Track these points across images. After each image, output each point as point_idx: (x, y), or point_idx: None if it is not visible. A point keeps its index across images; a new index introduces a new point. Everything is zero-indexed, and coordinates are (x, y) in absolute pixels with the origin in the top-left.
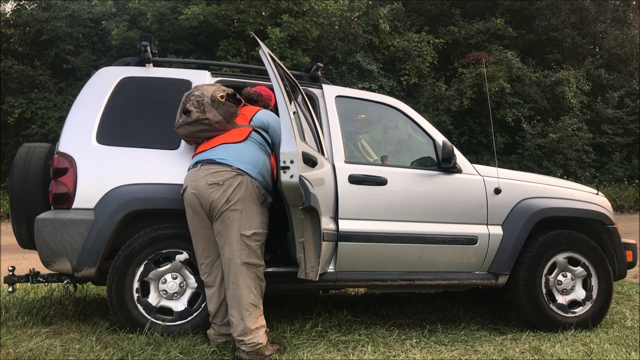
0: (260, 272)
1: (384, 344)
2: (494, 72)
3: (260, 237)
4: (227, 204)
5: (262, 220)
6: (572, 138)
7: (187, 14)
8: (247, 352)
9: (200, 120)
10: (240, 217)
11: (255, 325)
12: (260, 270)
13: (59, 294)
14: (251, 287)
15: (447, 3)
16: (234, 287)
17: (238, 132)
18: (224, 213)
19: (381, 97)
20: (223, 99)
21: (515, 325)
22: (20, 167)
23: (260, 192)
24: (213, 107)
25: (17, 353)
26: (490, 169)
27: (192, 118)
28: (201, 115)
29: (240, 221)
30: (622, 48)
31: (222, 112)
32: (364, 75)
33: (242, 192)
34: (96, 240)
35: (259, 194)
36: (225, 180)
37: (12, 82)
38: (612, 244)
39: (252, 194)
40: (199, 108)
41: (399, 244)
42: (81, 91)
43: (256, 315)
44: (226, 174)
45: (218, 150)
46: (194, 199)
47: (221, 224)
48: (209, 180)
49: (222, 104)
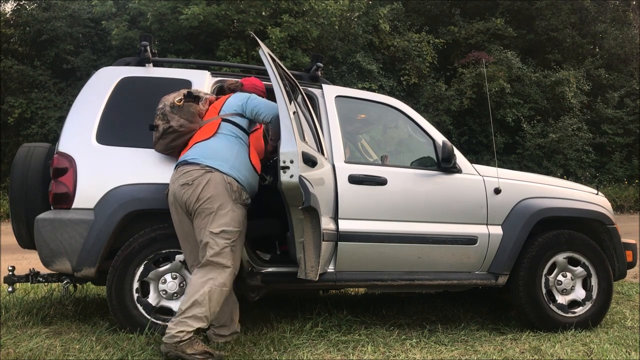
0: (225, 276)
1: (384, 344)
2: (494, 72)
3: (230, 235)
4: (197, 203)
5: (234, 218)
6: (572, 138)
7: (187, 14)
8: (166, 344)
9: (167, 131)
10: (209, 214)
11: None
12: (226, 274)
13: (59, 294)
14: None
15: (447, 3)
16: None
17: (207, 128)
18: (196, 211)
19: (381, 97)
20: (181, 102)
21: (515, 325)
22: (20, 167)
23: (233, 188)
24: (174, 113)
25: (17, 353)
26: (490, 169)
27: (160, 131)
28: (165, 125)
29: (210, 218)
30: (622, 48)
31: (182, 115)
32: (364, 75)
33: (211, 190)
34: (96, 240)
35: (230, 190)
36: (195, 179)
37: (12, 82)
38: (612, 244)
39: (222, 191)
40: (163, 119)
41: (399, 244)
42: (81, 91)
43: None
44: (195, 172)
45: (191, 150)
46: (173, 201)
47: (195, 222)
48: (180, 181)
49: (180, 107)
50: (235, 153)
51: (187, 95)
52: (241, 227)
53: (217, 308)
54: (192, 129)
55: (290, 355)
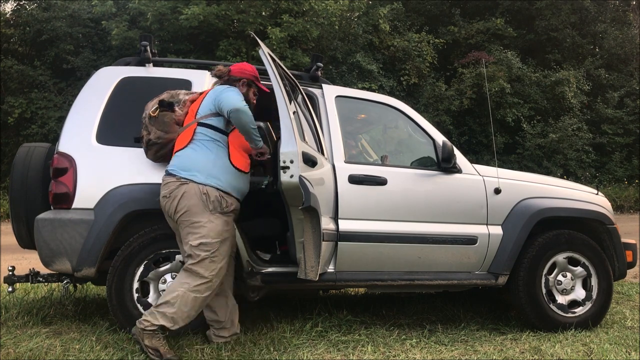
0: (201, 285)
1: (384, 344)
2: (494, 72)
3: (209, 246)
4: (176, 215)
5: (212, 229)
6: (572, 138)
7: (187, 14)
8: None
9: (149, 143)
10: (187, 226)
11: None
12: (201, 283)
13: (59, 294)
14: (180, 292)
15: (447, 3)
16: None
17: (184, 136)
18: (177, 222)
19: (381, 97)
20: (155, 113)
21: (515, 325)
22: (20, 167)
23: (210, 198)
24: (151, 124)
25: (17, 353)
26: (490, 169)
27: (144, 142)
28: (147, 136)
29: (188, 231)
30: (622, 48)
31: (158, 126)
32: (364, 75)
33: (186, 202)
34: (96, 240)
35: (207, 201)
36: (171, 191)
37: (12, 82)
38: (612, 244)
39: (197, 203)
40: (146, 130)
41: (399, 244)
42: (81, 91)
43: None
44: (172, 185)
45: (172, 160)
46: (162, 210)
47: (180, 232)
48: (162, 192)
49: (156, 118)
50: (212, 160)
51: (160, 104)
52: (221, 236)
53: (192, 312)
54: (171, 139)
55: (290, 355)
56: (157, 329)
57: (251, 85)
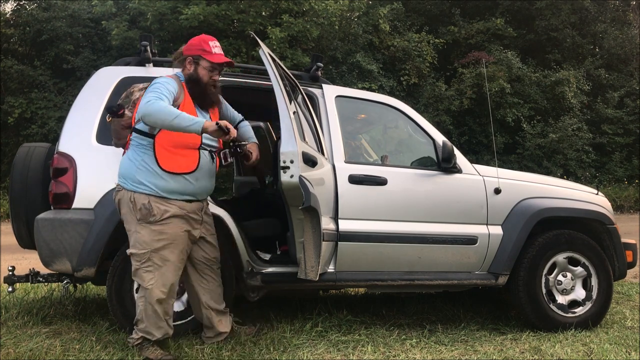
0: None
1: (384, 344)
2: (494, 72)
3: (137, 257)
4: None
5: (138, 239)
6: (572, 138)
7: (187, 14)
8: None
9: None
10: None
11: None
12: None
13: (59, 294)
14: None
15: (447, 3)
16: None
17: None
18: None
19: (381, 97)
20: (109, 119)
21: (515, 325)
22: (20, 167)
23: (137, 206)
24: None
25: (17, 353)
26: (490, 169)
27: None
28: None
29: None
30: (622, 48)
31: (112, 134)
32: (364, 75)
33: (122, 209)
34: (96, 240)
35: (134, 209)
36: (114, 200)
37: (12, 82)
38: (612, 244)
39: (127, 211)
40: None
41: (399, 244)
42: (81, 91)
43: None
44: (114, 193)
45: None
46: None
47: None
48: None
49: (110, 125)
50: (136, 165)
51: (108, 110)
52: (150, 247)
53: (157, 321)
54: (124, 144)
55: (290, 355)
56: (142, 342)
57: (199, 62)
